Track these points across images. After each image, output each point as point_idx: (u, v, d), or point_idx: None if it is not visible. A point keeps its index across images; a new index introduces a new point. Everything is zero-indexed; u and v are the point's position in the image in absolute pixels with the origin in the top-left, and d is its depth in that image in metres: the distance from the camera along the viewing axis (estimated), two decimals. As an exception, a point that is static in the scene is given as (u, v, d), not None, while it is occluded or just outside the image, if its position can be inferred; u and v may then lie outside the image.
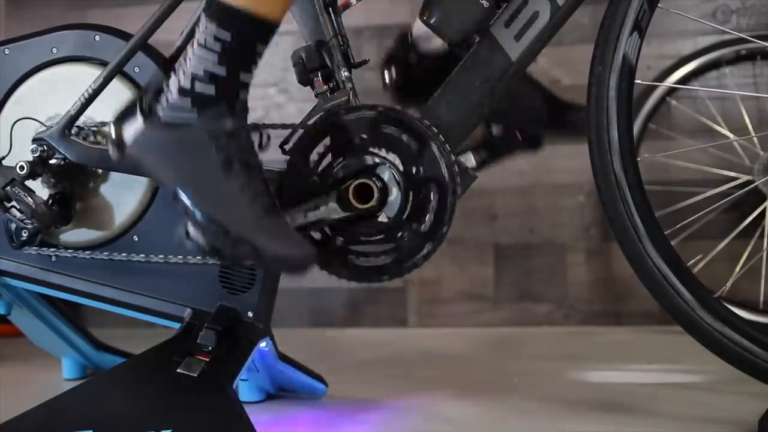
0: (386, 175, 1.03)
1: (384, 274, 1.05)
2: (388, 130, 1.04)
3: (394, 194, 1.03)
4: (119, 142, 0.99)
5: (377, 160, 1.03)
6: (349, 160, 1.04)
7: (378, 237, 1.05)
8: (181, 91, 0.96)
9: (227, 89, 0.96)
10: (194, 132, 0.96)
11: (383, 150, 1.04)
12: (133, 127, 0.98)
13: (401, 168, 1.03)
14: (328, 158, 1.05)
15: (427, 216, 1.04)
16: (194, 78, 0.95)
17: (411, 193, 1.04)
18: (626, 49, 1.03)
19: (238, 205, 0.95)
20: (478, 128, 1.28)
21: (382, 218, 1.03)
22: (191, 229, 0.96)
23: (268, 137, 1.04)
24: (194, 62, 0.95)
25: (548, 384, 1.40)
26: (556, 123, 1.29)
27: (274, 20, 0.96)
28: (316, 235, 1.06)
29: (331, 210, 1.03)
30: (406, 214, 1.04)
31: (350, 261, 1.06)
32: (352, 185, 1.02)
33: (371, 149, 1.04)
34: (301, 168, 1.05)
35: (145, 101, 0.99)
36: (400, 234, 1.04)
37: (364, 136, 1.04)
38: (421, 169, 1.03)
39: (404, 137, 1.03)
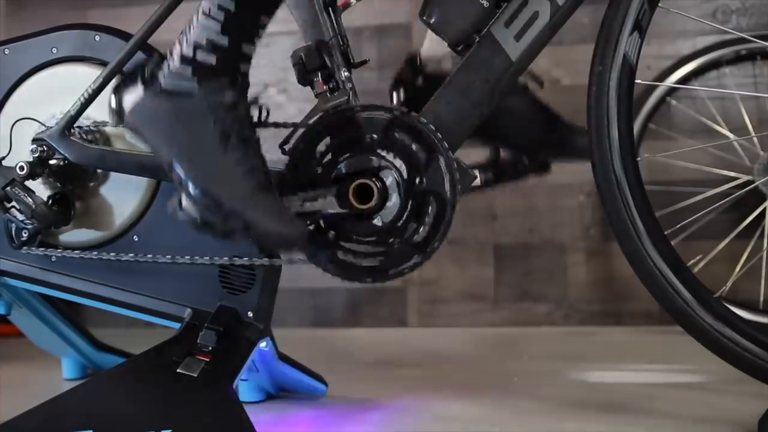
0: (389, 180, 1.02)
1: (368, 276, 1.04)
2: (400, 135, 1.03)
3: (393, 200, 1.03)
4: (119, 110, 0.98)
5: (383, 163, 1.03)
6: (354, 157, 1.03)
7: (369, 239, 1.04)
8: (183, 59, 0.95)
9: (228, 60, 0.95)
10: (193, 101, 0.94)
11: (391, 154, 1.03)
12: (133, 95, 0.97)
13: (405, 176, 1.03)
14: (330, 156, 1.04)
15: (422, 228, 1.03)
16: (196, 46, 0.95)
17: (410, 203, 1.03)
18: (627, 48, 1.03)
19: (233, 178, 0.93)
20: (487, 151, 1.28)
21: (377, 221, 1.03)
22: (184, 201, 0.94)
23: (268, 112, 1.03)
24: (197, 30, 0.95)
25: (548, 384, 1.40)
26: (563, 147, 1.27)
27: None
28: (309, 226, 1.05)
29: (328, 204, 1.02)
30: (401, 222, 1.03)
31: (337, 256, 1.04)
32: (353, 184, 1.02)
33: (378, 151, 1.03)
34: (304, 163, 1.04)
35: (147, 70, 0.98)
36: (391, 240, 1.04)
37: (375, 136, 1.03)
38: (424, 180, 1.03)
39: (414, 146, 1.02)
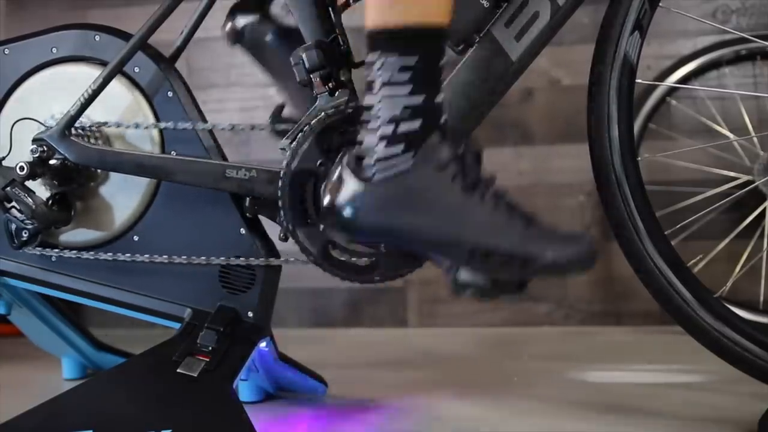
0: None
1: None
2: None
3: None
4: (339, 224, 0.90)
5: None
6: None
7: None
8: (387, 141, 0.88)
9: (431, 115, 0.88)
10: (419, 174, 0.88)
11: None
12: (349, 196, 0.89)
13: None
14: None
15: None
16: (394, 120, 0.87)
17: None
18: (627, 48, 1.03)
19: (500, 223, 0.88)
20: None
21: None
22: (462, 275, 0.89)
23: (480, 153, 0.95)
24: (386, 105, 0.87)
25: (548, 384, 1.40)
26: None
27: (446, 26, 0.89)
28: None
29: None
30: None
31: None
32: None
33: None
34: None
35: (347, 171, 0.90)
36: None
37: None
38: None
39: None
